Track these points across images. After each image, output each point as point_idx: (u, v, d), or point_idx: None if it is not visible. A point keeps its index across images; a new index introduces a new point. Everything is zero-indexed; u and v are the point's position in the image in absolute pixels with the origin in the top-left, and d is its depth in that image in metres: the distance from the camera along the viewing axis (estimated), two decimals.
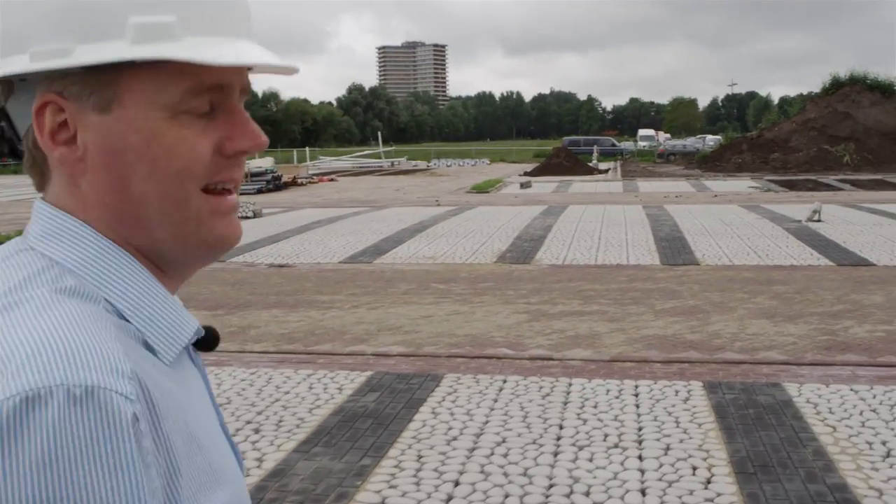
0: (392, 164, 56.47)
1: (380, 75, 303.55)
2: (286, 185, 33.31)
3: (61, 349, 0.66)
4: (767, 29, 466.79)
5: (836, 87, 43.15)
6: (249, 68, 0.83)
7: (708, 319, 8.42)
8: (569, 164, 40.92)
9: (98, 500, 0.63)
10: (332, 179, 39.40)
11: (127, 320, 0.76)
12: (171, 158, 0.77)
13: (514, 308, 9.23)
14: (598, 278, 11.06)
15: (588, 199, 24.68)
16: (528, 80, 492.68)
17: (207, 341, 0.87)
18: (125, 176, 0.77)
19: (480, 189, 29.79)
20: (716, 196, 25.31)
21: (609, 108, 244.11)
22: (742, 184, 31.05)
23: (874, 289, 9.92)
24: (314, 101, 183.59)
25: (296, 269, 12.55)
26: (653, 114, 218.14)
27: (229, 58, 0.76)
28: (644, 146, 70.54)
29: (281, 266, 12.99)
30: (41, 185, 0.82)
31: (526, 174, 40.72)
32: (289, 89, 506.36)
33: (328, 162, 58.50)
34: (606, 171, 41.97)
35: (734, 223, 17.05)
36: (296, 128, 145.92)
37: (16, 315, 0.70)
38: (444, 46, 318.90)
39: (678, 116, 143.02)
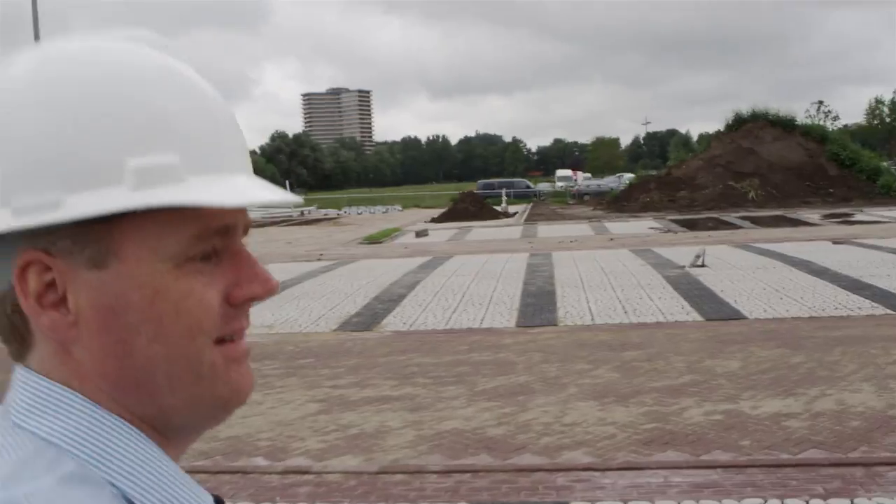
0: (302, 213, 54.88)
1: (305, 122, 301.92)
2: None
3: None
4: (683, 68, 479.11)
5: (740, 123, 43.14)
6: None
7: (528, 404, 7.13)
8: (475, 209, 39.89)
9: None
10: None
11: None
12: (179, 315, 0.67)
13: (313, 395, 7.83)
14: (436, 348, 9.74)
15: (478, 248, 23.52)
16: (454, 122, 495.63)
17: None
18: (127, 339, 0.66)
19: (373, 239, 28.47)
20: (611, 240, 24.40)
21: (534, 149, 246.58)
22: (644, 224, 30.30)
23: (734, 350, 8.79)
24: None
25: None
26: (577, 153, 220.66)
27: (243, 198, 0.67)
28: (561, 186, 70.47)
29: None
30: (21, 353, 0.69)
31: (433, 220, 39.58)
32: None
33: None
34: (513, 214, 41.08)
35: (615, 272, 15.97)
36: None
37: None
38: (368, 92, 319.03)
39: (599, 155, 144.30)
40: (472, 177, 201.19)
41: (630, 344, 9.45)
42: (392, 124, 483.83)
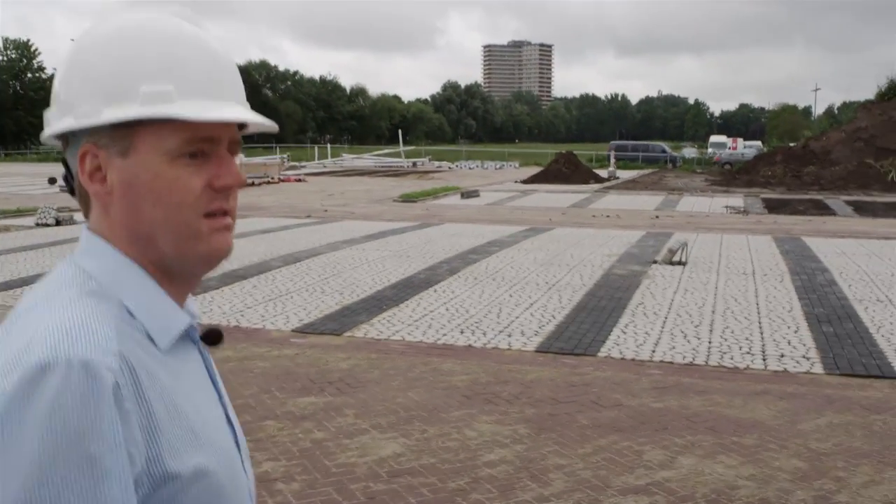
0: (414, 164, 52.65)
1: (484, 74, 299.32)
2: None
3: (70, 333, 0.90)
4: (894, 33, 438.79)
5: (895, 92, 36.92)
6: (242, 126, 1.07)
7: None
8: (568, 170, 36.15)
9: (87, 437, 0.86)
10: (298, 180, 35.86)
11: (134, 317, 0.99)
12: (171, 192, 0.99)
13: None
14: None
15: (496, 217, 20.22)
16: (640, 81, 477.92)
17: (211, 338, 1.11)
18: (138, 205, 0.99)
19: (409, 198, 25.56)
20: (657, 217, 20.44)
21: (717, 113, 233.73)
22: (726, 201, 25.77)
23: (402, 423, 5.50)
24: (412, 97, 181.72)
25: None
26: (763, 120, 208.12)
27: (207, 115, 0.98)
28: (711, 153, 65.09)
29: None
30: (86, 213, 1.05)
31: (523, 181, 36.30)
32: (400, 86, 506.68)
33: (349, 160, 55.27)
34: (608, 179, 37.00)
35: (560, 263, 12.48)
36: (383, 124, 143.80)
37: (49, 307, 0.95)
38: (550, 46, 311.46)
39: (780, 123, 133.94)
40: (649, 137, 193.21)
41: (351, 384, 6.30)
42: (575, 80, 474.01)
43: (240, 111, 1.02)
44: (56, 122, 1.02)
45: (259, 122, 1.04)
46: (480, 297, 9.70)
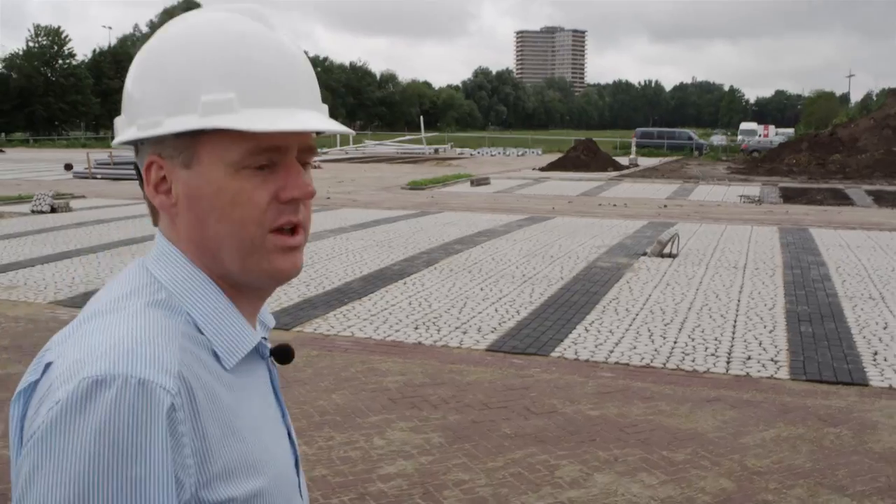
0: (435, 150, 52.23)
1: (517, 60, 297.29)
2: None
3: (131, 349, 0.86)
4: None
5: None
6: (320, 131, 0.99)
7: None
8: (586, 158, 35.52)
9: (135, 459, 0.81)
10: (314, 167, 35.57)
11: (201, 332, 0.95)
12: (233, 207, 0.94)
13: None
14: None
15: (499, 206, 19.78)
16: (674, 67, 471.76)
17: (281, 355, 1.06)
18: (203, 219, 0.95)
19: (417, 185, 25.16)
20: (665, 206, 19.88)
21: (753, 100, 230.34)
22: (742, 190, 25.05)
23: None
24: (443, 83, 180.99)
25: None
26: (799, 107, 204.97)
27: (266, 126, 0.90)
28: (740, 140, 64.15)
29: None
30: (154, 219, 1.02)
31: (541, 168, 35.76)
32: (432, 72, 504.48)
33: (372, 146, 54.96)
34: (627, 167, 36.31)
35: (542, 253, 12.05)
36: (413, 110, 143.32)
37: (112, 318, 0.90)
38: (583, 32, 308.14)
39: (816, 110, 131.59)
40: (683, 124, 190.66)
41: None
42: (609, 66, 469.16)
43: (307, 119, 0.95)
44: (122, 130, 1.00)
45: (332, 129, 0.98)
46: (450, 290, 9.32)
